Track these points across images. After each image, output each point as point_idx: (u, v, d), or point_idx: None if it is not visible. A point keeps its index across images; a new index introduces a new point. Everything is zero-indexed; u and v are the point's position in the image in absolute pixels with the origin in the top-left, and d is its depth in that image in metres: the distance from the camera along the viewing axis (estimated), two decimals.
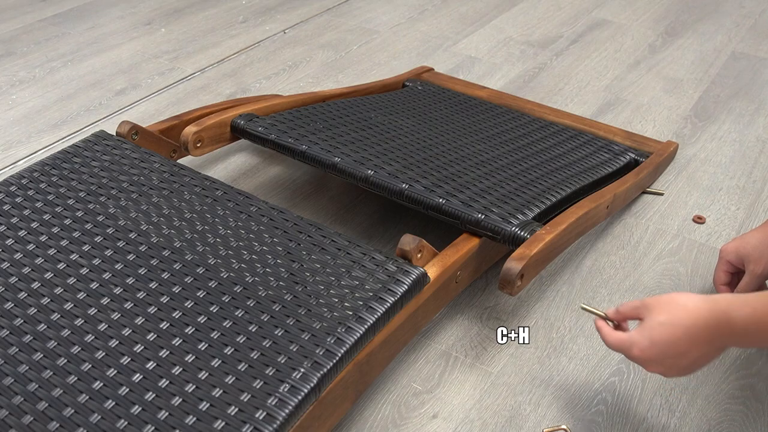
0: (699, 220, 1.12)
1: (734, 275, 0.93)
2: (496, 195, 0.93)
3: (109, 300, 0.73)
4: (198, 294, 0.74)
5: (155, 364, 0.67)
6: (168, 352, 0.68)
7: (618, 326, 0.75)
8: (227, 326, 0.70)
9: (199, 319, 0.71)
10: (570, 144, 1.16)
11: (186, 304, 0.73)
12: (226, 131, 1.06)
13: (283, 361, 0.66)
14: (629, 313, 0.73)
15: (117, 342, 0.69)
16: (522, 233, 0.85)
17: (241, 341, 0.69)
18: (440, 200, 0.89)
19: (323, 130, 1.05)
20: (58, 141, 1.29)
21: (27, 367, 0.67)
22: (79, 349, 0.68)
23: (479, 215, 0.87)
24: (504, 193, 0.94)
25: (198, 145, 1.02)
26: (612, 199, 0.99)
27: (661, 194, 1.19)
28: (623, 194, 1.05)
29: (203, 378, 0.65)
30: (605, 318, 0.75)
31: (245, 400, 0.63)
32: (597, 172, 1.08)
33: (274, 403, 0.63)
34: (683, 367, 0.69)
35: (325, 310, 0.72)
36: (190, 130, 1.01)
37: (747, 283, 0.89)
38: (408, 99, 1.26)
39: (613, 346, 0.73)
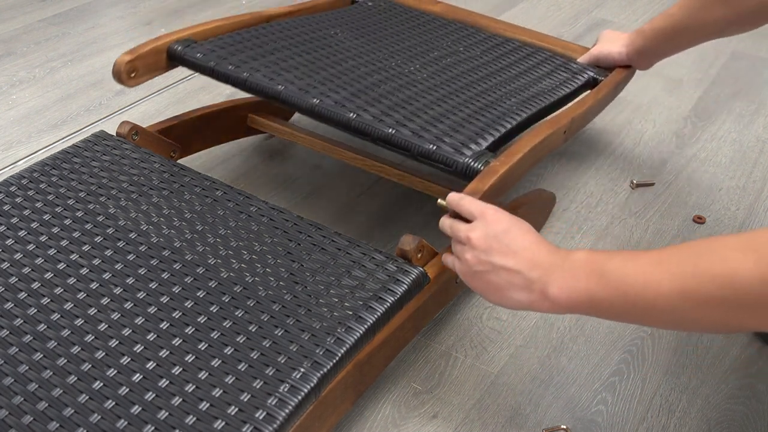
0: (699, 220, 1.12)
1: None
2: (448, 123, 0.89)
3: (109, 300, 0.73)
4: (198, 294, 0.74)
5: (155, 363, 0.67)
6: (168, 352, 0.68)
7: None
8: (227, 326, 0.70)
9: (199, 319, 0.71)
10: (527, 63, 1.12)
11: (186, 304, 0.73)
12: (162, 58, 1.00)
13: (283, 361, 0.66)
14: (470, 208, 0.72)
15: (117, 342, 0.69)
16: (475, 165, 0.82)
17: (241, 341, 0.69)
18: (390, 130, 0.85)
19: (265, 55, 1.00)
20: (58, 141, 1.29)
21: (27, 367, 0.67)
22: (79, 349, 0.68)
23: (431, 146, 0.84)
24: (457, 121, 0.90)
25: (132, 75, 0.97)
26: (570, 123, 0.95)
27: (652, 184, 1.19)
28: (581, 117, 1.00)
29: (203, 378, 0.65)
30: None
31: (245, 400, 0.63)
32: (554, 93, 1.04)
33: (274, 403, 0.63)
34: (495, 267, 0.67)
35: (325, 310, 0.72)
36: (122, 59, 0.96)
37: None
38: (357, 17, 1.20)
39: (445, 225, 0.74)
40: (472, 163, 0.82)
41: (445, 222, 0.75)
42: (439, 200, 0.77)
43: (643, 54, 1.09)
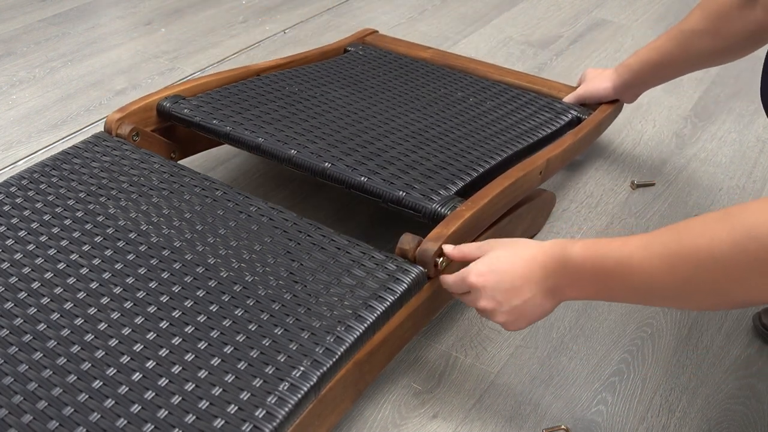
0: None
1: None
2: (421, 169, 0.91)
3: (109, 299, 0.73)
4: (198, 293, 0.74)
5: (155, 362, 0.67)
6: (168, 351, 0.68)
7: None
8: (227, 325, 0.70)
9: (198, 318, 0.71)
10: (511, 105, 1.13)
11: (186, 304, 0.73)
12: (152, 115, 1.03)
13: (282, 360, 0.66)
14: (473, 251, 0.75)
15: (117, 341, 0.69)
16: (443, 210, 0.83)
17: (241, 340, 0.69)
18: (362, 179, 0.87)
19: (250, 109, 1.01)
20: (58, 141, 1.29)
21: (27, 367, 0.67)
22: (79, 348, 0.68)
23: (400, 192, 0.86)
24: (430, 167, 0.92)
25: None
26: (545, 164, 0.96)
27: (653, 184, 1.19)
28: (559, 158, 1.01)
29: (203, 377, 0.65)
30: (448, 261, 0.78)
31: (245, 398, 0.63)
32: (535, 134, 1.04)
33: (273, 401, 0.63)
34: (516, 309, 0.70)
35: (325, 308, 0.72)
36: (113, 117, 0.98)
37: None
38: (346, 66, 1.21)
39: (450, 282, 0.75)
40: (439, 209, 0.84)
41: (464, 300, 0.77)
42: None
43: (631, 87, 1.13)
